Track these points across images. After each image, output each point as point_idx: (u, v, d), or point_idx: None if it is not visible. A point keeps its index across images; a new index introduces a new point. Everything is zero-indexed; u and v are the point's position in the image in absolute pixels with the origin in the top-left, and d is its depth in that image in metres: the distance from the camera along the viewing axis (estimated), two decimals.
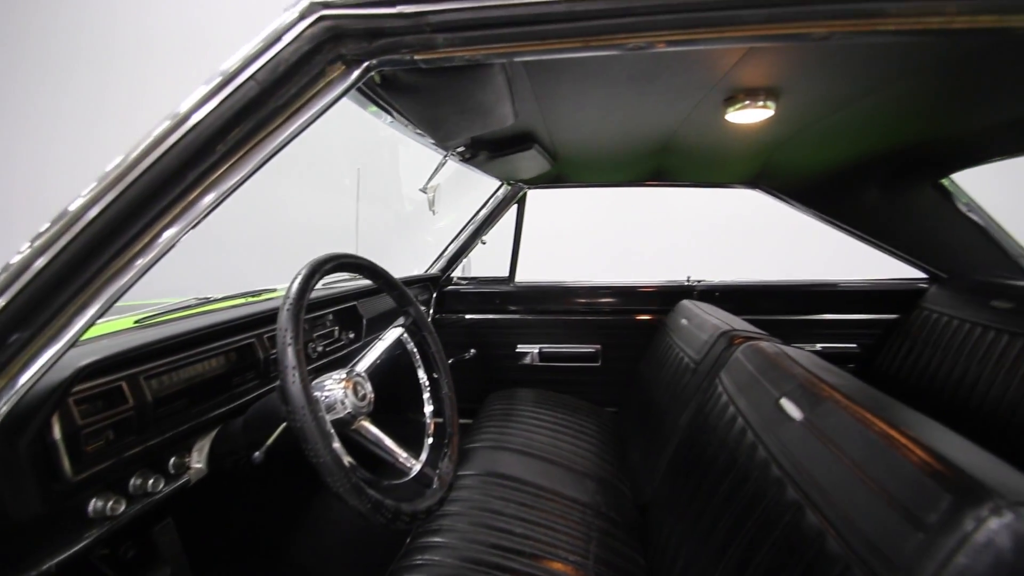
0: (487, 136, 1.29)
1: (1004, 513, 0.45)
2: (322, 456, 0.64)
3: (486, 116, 0.93)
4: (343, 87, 0.52)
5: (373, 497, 0.68)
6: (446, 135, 1.09)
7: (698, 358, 1.33)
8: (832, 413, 0.72)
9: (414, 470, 0.89)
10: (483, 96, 0.83)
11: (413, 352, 1.08)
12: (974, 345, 1.52)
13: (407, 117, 0.99)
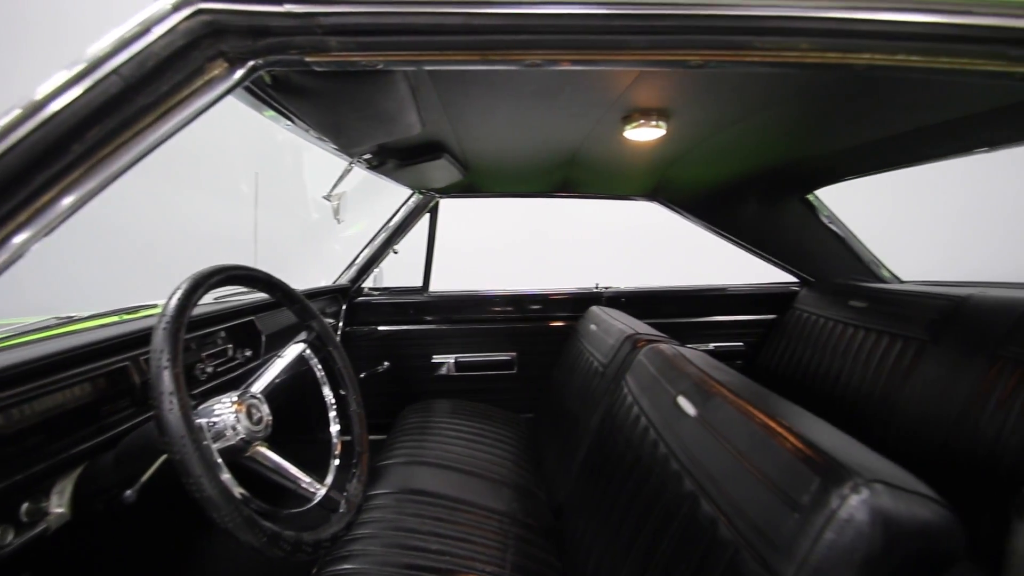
0: (395, 144, 1.27)
1: (861, 490, 0.52)
2: (206, 490, 0.58)
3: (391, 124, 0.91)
4: (225, 86, 0.48)
5: (269, 529, 0.63)
6: (349, 142, 1.05)
7: (606, 362, 1.39)
8: (721, 408, 0.78)
9: (318, 495, 0.84)
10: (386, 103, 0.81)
11: (317, 368, 1.02)
12: (837, 340, 1.73)
13: (306, 122, 0.94)
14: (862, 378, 1.55)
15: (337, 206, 1.23)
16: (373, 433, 2.06)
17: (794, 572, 0.52)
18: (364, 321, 2.11)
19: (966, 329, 1.33)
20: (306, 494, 0.84)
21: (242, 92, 0.82)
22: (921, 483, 0.54)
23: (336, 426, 1.00)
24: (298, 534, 0.70)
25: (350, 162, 1.23)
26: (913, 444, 1.32)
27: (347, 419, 1.00)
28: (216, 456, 0.63)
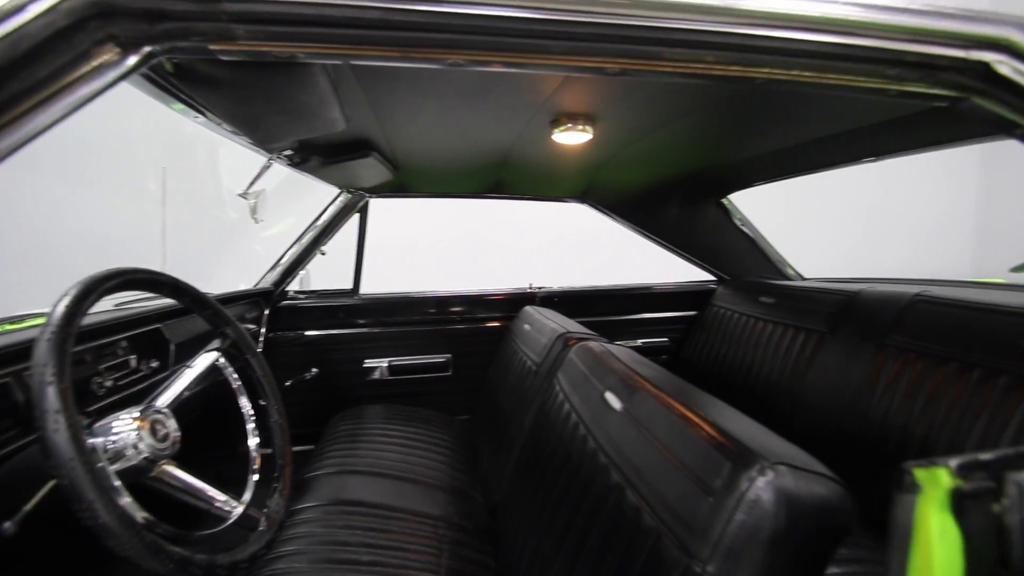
0: (318, 141, 1.22)
1: (767, 472, 0.56)
2: (101, 516, 0.53)
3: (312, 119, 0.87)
4: (117, 73, 0.44)
5: (177, 555, 0.59)
6: (266, 136, 0.99)
7: (539, 361, 1.41)
8: (645, 402, 0.82)
9: (235, 514, 0.79)
10: (305, 98, 0.78)
11: (234, 378, 0.96)
12: (749, 333, 1.87)
13: (217, 115, 0.88)
14: (771, 368, 1.68)
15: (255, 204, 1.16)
16: (301, 443, 1.97)
17: (709, 553, 0.55)
18: (290, 326, 2.01)
19: (857, 321, 1.48)
20: (221, 513, 0.79)
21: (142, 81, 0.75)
22: (819, 463, 0.59)
23: (255, 439, 0.94)
24: (211, 557, 0.65)
25: (269, 158, 1.17)
26: (815, 427, 1.45)
27: (268, 431, 0.95)
28: (113, 479, 0.57)
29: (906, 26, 0.54)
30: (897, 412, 1.25)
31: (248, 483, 0.88)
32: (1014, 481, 0.41)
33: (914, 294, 1.37)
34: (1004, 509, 0.41)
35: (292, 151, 1.20)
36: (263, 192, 1.21)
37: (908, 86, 0.58)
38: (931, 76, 0.57)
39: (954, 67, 0.56)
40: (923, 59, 0.55)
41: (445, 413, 2.00)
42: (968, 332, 1.18)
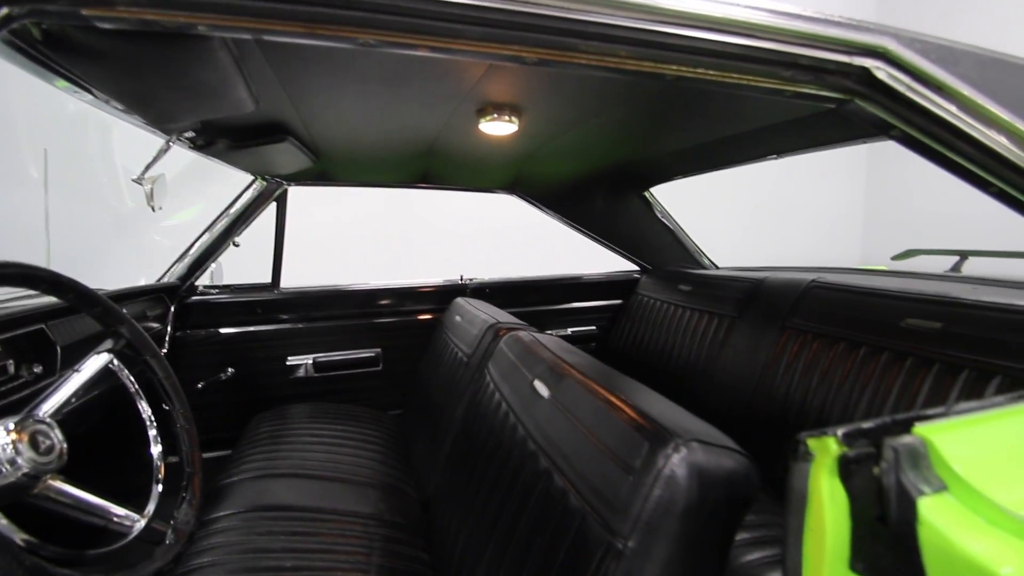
0: (225, 123, 1.12)
1: (681, 449, 0.59)
2: None
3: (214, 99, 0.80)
4: None
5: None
6: (162, 116, 0.90)
7: (470, 352, 1.41)
8: (571, 388, 0.84)
9: (136, 528, 0.72)
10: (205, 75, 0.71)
11: (130, 381, 0.87)
12: (670, 320, 1.97)
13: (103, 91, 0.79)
14: (688, 351, 1.79)
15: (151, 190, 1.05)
16: (217, 449, 1.84)
17: (630, 529, 0.58)
18: (201, 323, 1.87)
19: (762, 306, 1.60)
20: (120, 529, 0.72)
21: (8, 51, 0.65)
22: (728, 439, 0.63)
23: (158, 447, 0.87)
24: None
25: (167, 140, 1.06)
26: (726, 405, 1.56)
27: (173, 438, 0.87)
28: None
29: (800, 31, 0.58)
30: (796, 388, 1.37)
31: (152, 494, 0.80)
32: (890, 446, 0.45)
33: (810, 281, 1.51)
34: (882, 472, 0.46)
35: (195, 133, 1.10)
36: (161, 177, 1.10)
37: (801, 87, 0.62)
38: (820, 79, 0.62)
39: (840, 71, 0.61)
40: (814, 63, 0.60)
41: (376, 409, 1.94)
42: (855, 314, 1.32)
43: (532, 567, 0.71)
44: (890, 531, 0.45)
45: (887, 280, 1.42)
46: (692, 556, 0.58)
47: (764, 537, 1.11)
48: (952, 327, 1.10)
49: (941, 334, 1.11)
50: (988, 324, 1.05)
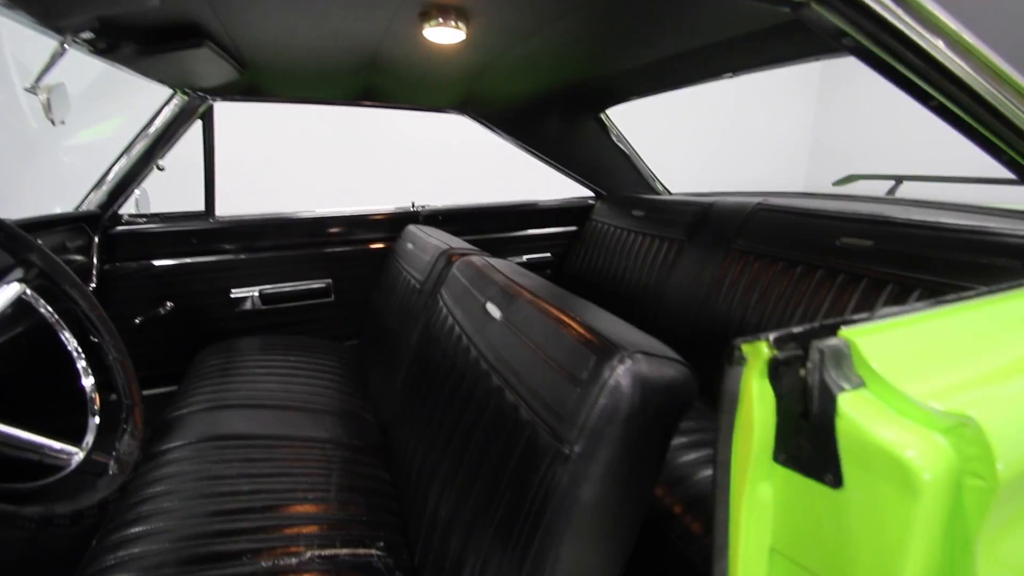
0: (129, 22, 0.98)
1: (626, 360, 0.61)
2: None
3: None
4: None
5: None
6: (48, 10, 0.77)
7: (422, 279, 1.39)
8: (522, 309, 0.84)
9: (74, 461, 0.70)
10: None
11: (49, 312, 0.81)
12: (623, 245, 2.00)
13: None
14: (639, 276, 1.83)
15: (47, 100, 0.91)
16: (162, 385, 1.79)
17: (576, 435, 0.61)
18: (131, 255, 1.74)
19: (710, 230, 1.64)
20: (56, 462, 0.69)
21: None
22: (670, 350, 0.66)
23: (90, 378, 0.82)
24: (48, 508, 0.57)
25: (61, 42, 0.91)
26: (673, 324, 1.64)
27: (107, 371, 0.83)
28: None
29: None
30: (737, 307, 1.44)
31: (89, 427, 0.77)
32: (817, 347, 0.48)
33: (756, 203, 1.55)
34: (808, 372, 0.49)
35: (94, 34, 0.95)
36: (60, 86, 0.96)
37: None
38: None
39: None
40: None
41: (331, 340, 1.92)
42: (795, 235, 1.37)
43: (486, 477, 0.74)
44: (811, 425, 0.49)
45: (827, 203, 1.48)
46: (633, 457, 0.61)
47: (700, 440, 1.21)
48: (882, 244, 1.17)
49: (872, 251, 1.18)
50: (915, 241, 1.12)
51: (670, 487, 1.05)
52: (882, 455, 0.44)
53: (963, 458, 0.44)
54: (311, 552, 0.87)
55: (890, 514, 0.44)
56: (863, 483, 0.46)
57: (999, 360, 0.55)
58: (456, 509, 0.79)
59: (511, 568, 0.64)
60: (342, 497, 1.04)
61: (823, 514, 0.51)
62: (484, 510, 0.72)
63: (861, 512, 0.47)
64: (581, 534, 0.61)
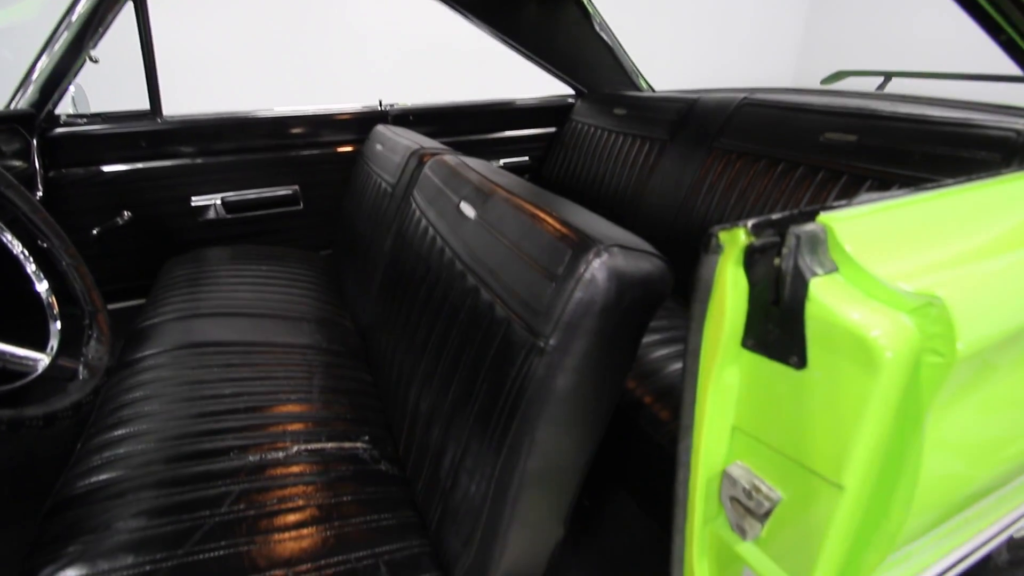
0: None
1: (602, 254, 0.60)
2: None
3: None
4: None
5: None
6: None
7: (393, 181, 1.33)
8: (497, 207, 0.81)
9: (40, 366, 0.68)
10: None
11: None
12: (604, 146, 1.93)
13: None
14: (620, 178, 1.79)
15: None
16: (130, 298, 1.75)
17: (552, 329, 0.61)
18: (77, 160, 1.61)
19: (693, 128, 1.58)
20: (23, 368, 0.67)
21: None
22: (647, 244, 0.65)
23: (43, 282, 0.78)
24: (17, 411, 0.56)
25: None
26: (652, 227, 1.63)
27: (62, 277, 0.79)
28: None
29: None
30: (716, 207, 1.43)
31: (51, 332, 0.75)
32: (794, 233, 0.47)
33: (742, 98, 1.48)
34: (783, 258, 0.48)
35: None
36: None
37: None
38: None
39: None
40: None
41: (303, 249, 1.87)
42: (779, 130, 1.33)
43: (464, 372, 0.76)
44: (781, 311, 0.50)
45: (813, 97, 1.42)
46: (607, 349, 0.62)
47: (671, 337, 1.25)
48: (866, 139, 1.14)
49: (855, 146, 1.15)
50: (898, 134, 1.10)
51: (641, 380, 1.10)
52: (848, 335, 0.45)
53: (925, 336, 0.46)
54: (298, 447, 0.90)
55: (850, 391, 0.46)
56: (827, 363, 0.48)
57: (971, 244, 0.55)
58: (436, 403, 0.82)
59: (489, 453, 0.67)
60: (325, 397, 1.06)
61: (785, 394, 0.53)
62: (463, 403, 0.74)
63: (822, 391, 0.49)
64: (555, 421, 0.63)
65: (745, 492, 0.59)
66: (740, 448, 0.60)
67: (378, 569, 0.71)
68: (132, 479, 0.76)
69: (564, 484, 0.70)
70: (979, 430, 0.63)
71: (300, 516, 0.76)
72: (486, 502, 0.67)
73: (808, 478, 0.53)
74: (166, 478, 0.78)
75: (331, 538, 0.74)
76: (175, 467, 0.80)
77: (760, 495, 0.57)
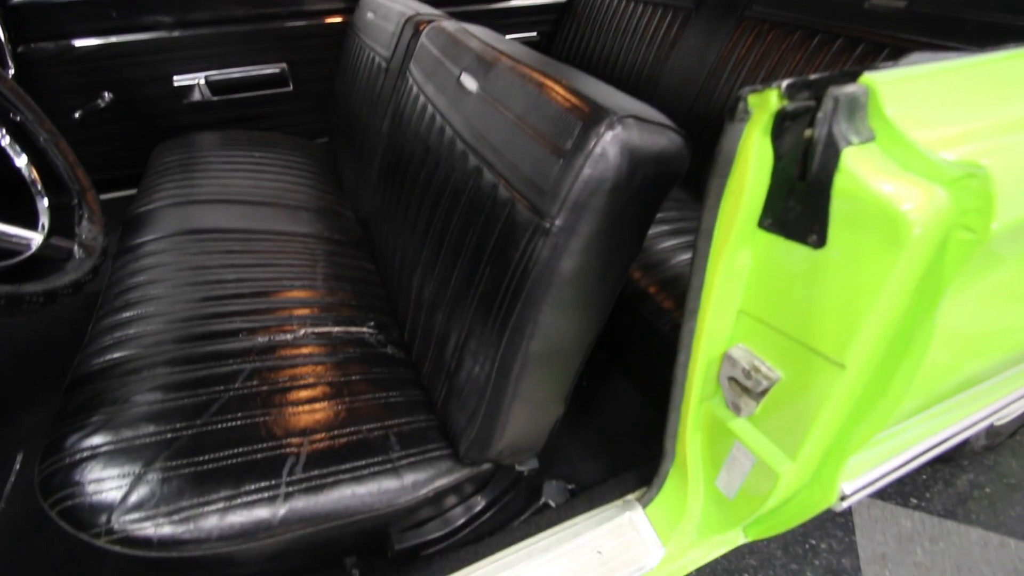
0: None
1: (615, 126, 0.54)
2: None
3: None
4: None
5: None
6: None
7: (388, 55, 1.21)
8: (502, 76, 0.74)
9: (34, 243, 0.67)
10: None
11: None
12: (619, 19, 1.74)
13: None
14: (636, 54, 1.63)
15: None
16: (122, 188, 1.71)
17: (558, 209, 0.58)
18: (45, 34, 1.48)
19: None
20: (16, 247, 0.66)
21: None
22: (664, 116, 0.59)
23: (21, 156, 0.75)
24: (16, 287, 0.56)
25: None
26: (670, 108, 1.51)
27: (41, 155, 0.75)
28: None
29: None
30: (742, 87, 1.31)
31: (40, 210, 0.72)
32: (832, 95, 0.42)
33: None
34: (816, 126, 0.43)
35: None
36: None
37: None
38: None
39: None
40: None
41: (299, 136, 1.78)
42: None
43: (467, 257, 0.74)
44: (806, 185, 0.46)
45: None
46: (615, 230, 0.60)
47: (680, 228, 1.22)
48: (916, 5, 1.01)
49: (903, 14, 1.02)
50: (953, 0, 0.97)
51: (646, 270, 1.09)
52: (876, 210, 0.42)
53: (960, 211, 0.42)
54: (305, 330, 0.91)
55: (869, 270, 0.44)
56: (848, 241, 0.45)
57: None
58: (439, 289, 0.81)
59: (493, 336, 0.68)
60: (329, 285, 1.07)
61: (798, 275, 0.51)
62: (466, 287, 0.73)
63: (839, 271, 0.47)
64: (559, 303, 0.63)
65: (744, 372, 0.60)
66: (743, 331, 0.60)
67: (388, 439, 0.76)
68: (145, 357, 0.78)
69: (566, 366, 0.72)
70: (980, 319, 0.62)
71: (312, 392, 0.79)
72: (489, 382, 0.69)
73: (810, 358, 0.53)
74: (178, 356, 0.80)
75: (343, 411, 0.77)
76: (186, 347, 0.82)
77: (759, 375, 0.58)
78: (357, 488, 0.70)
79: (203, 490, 0.64)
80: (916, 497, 1.25)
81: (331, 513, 0.67)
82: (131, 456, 0.65)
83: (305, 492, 0.67)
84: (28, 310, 0.56)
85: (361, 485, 0.70)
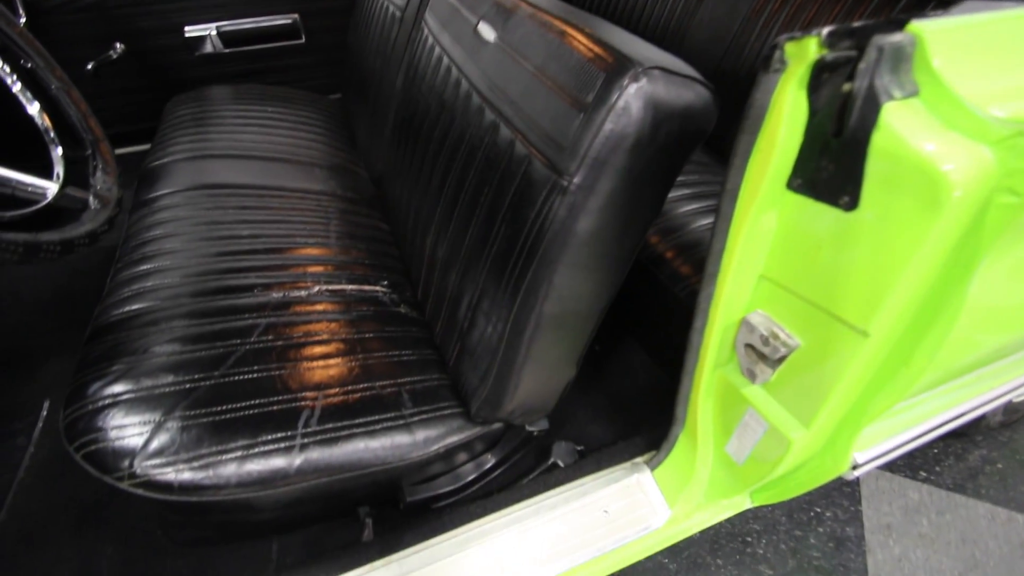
0: None
1: (640, 78, 0.52)
2: None
3: None
4: None
5: None
6: None
7: (402, 3, 1.17)
8: (521, 24, 0.71)
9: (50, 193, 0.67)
10: None
11: None
12: None
13: None
14: (663, 5, 1.55)
15: None
16: (136, 142, 1.70)
17: (576, 166, 0.56)
18: None
19: None
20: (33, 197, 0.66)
21: None
22: (692, 69, 0.56)
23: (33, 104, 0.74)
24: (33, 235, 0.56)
25: None
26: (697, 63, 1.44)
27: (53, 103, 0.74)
28: None
29: None
30: None
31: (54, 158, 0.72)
32: (876, 45, 0.39)
33: None
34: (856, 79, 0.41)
35: None
36: None
37: None
38: None
39: None
40: None
41: (312, 91, 1.75)
42: None
43: (481, 215, 0.73)
44: (841, 143, 0.44)
45: None
46: (635, 189, 0.58)
47: (701, 192, 1.18)
48: None
49: None
50: None
51: (664, 234, 1.06)
52: (915, 170, 0.40)
53: (1005, 172, 0.40)
54: (319, 287, 0.92)
55: (903, 234, 0.42)
56: (883, 203, 0.43)
57: None
58: (453, 248, 0.80)
59: (506, 297, 0.67)
60: (343, 243, 1.06)
61: (825, 238, 0.49)
62: (480, 246, 0.72)
63: (870, 234, 0.45)
64: (575, 264, 0.61)
65: (762, 339, 0.58)
66: (763, 297, 0.58)
67: (401, 396, 0.76)
68: (163, 309, 0.79)
69: (579, 328, 0.71)
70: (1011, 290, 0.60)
71: (326, 348, 0.80)
72: (502, 342, 0.69)
73: (832, 325, 0.51)
74: (195, 310, 0.81)
75: (356, 367, 0.78)
76: (202, 300, 0.83)
77: (777, 341, 0.57)
78: (370, 442, 0.71)
79: (221, 439, 0.66)
80: (925, 470, 1.25)
81: (345, 465, 0.69)
82: (151, 404, 0.66)
83: (320, 444, 0.69)
84: (46, 259, 0.57)
85: (374, 439, 0.71)
